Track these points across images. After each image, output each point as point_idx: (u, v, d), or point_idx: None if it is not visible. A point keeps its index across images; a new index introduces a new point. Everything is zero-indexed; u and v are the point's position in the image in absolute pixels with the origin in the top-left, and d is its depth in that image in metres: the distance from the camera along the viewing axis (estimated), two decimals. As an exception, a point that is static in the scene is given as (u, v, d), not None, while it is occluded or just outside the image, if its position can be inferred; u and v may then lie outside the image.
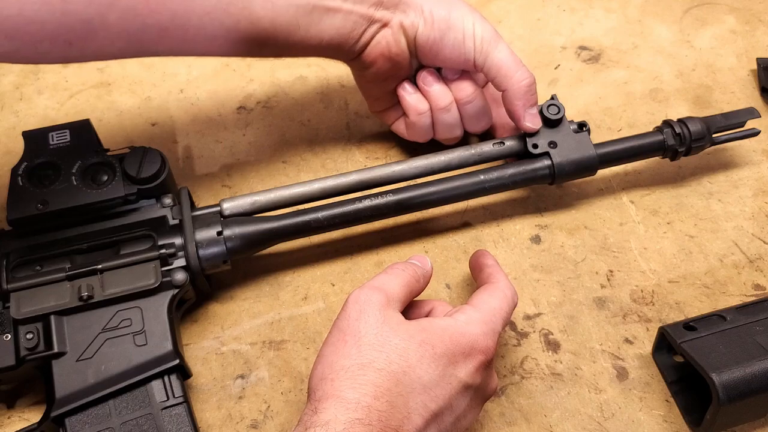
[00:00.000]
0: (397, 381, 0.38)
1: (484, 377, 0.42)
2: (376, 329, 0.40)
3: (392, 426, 0.37)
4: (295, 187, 0.52)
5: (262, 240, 0.50)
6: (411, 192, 0.52)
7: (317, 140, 0.63)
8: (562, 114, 0.55)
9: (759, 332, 0.47)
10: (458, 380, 0.40)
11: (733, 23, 0.72)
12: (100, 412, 0.44)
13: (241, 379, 0.50)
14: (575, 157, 0.54)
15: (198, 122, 0.65)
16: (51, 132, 0.51)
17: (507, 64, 0.53)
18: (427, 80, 0.56)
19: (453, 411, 0.40)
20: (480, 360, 0.41)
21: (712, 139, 0.57)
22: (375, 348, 0.39)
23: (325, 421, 0.36)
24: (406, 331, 0.40)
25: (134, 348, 0.45)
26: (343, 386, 0.37)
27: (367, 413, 0.36)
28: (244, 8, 0.47)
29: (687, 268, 0.56)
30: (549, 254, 0.56)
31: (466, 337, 0.41)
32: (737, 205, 0.59)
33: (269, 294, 0.54)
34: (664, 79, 0.68)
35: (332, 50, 0.53)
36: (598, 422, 0.48)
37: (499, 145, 0.55)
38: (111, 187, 0.48)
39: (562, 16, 0.73)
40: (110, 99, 0.66)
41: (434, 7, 0.52)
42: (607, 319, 0.53)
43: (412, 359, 0.39)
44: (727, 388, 0.43)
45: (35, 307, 0.45)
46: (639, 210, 0.59)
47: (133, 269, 0.47)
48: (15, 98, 0.67)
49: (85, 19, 0.42)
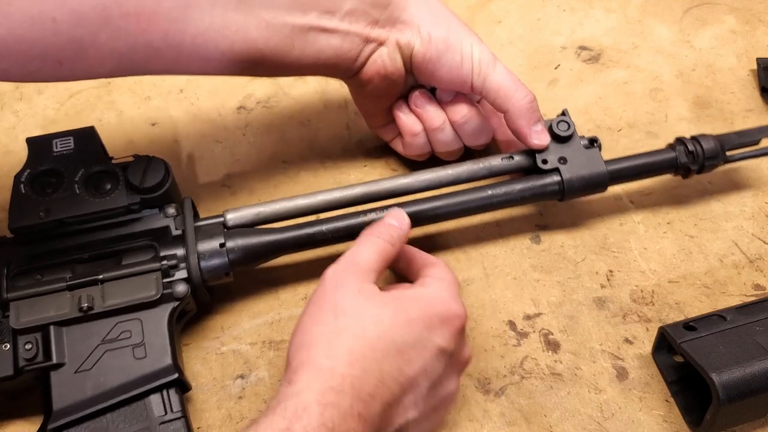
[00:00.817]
0: (372, 347, 0.39)
1: (458, 343, 0.43)
2: (351, 299, 0.41)
3: (366, 391, 0.38)
4: (300, 199, 0.52)
5: (266, 252, 0.50)
6: (417, 206, 0.51)
7: (317, 140, 0.63)
8: (572, 130, 0.54)
9: (759, 332, 0.47)
10: (433, 344, 0.41)
11: (733, 23, 0.72)
12: (98, 426, 0.43)
13: (241, 379, 0.50)
14: (585, 174, 0.53)
15: (198, 122, 0.65)
16: (55, 139, 0.50)
17: (505, 85, 0.52)
18: (418, 101, 0.55)
19: (428, 376, 0.41)
20: (456, 325, 0.43)
21: (725, 156, 0.55)
22: (350, 315, 0.40)
23: (298, 390, 0.37)
24: (381, 299, 0.42)
25: (133, 361, 0.45)
26: (318, 354, 0.39)
27: (341, 381, 0.37)
28: (238, 30, 0.47)
29: (687, 268, 0.56)
30: (549, 254, 0.56)
31: (439, 302, 0.43)
32: (737, 205, 0.59)
33: (269, 294, 0.54)
34: (664, 79, 0.68)
35: (329, 69, 0.52)
36: (597, 422, 0.48)
37: (507, 159, 0.54)
38: (114, 196, 0.48)
39: (562, 16, 0.73)
40: (110, 99, 0.66)
41: (432, 28, 0.51)
42: (607, 319, 0.53)
43: (387, 324, 0.40)
44: (727, 388, 0.43)
45: (35, 317, 0.45)
46: (639, 210, 0.59)
47: (134, 280, 0.46)
48: (15, 98, 0.67)
49: (75, 39, 0.42)
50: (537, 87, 0.67)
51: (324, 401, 0.36)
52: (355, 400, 0.37)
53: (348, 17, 0.50)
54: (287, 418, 0.36)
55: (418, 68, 0.52)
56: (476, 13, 0.74)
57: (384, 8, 0.51)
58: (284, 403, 0.37)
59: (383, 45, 0.51)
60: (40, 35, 0.41)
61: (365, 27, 0.51)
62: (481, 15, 0.73)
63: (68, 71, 0.44)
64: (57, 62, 0.43)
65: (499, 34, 0.72)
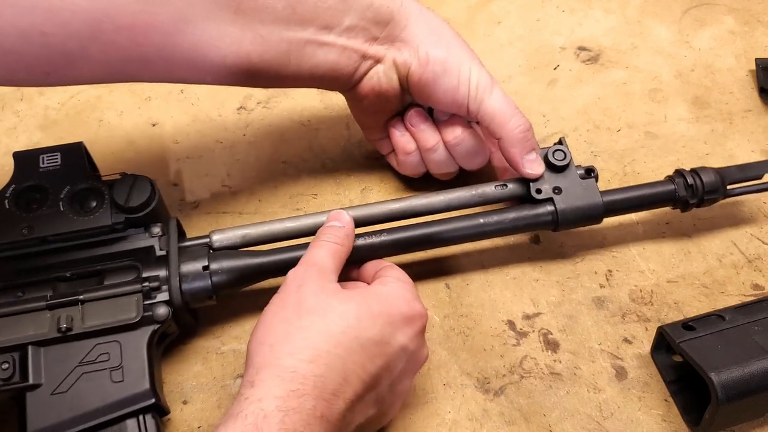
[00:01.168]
0: (336, 342, 0.39)
1: (419, 342, 0.44)
2: (314, 296, 0.42)
3: (329, 391, 0.38)
4: (288, 222, 0.51)
5: (251, 276, 0.49)
6: (407, 232, 0.50)
7: (317, 140, 0.64)
8: (568, 160, 0.52)
9: (757, 332, 0.47)
10: (397, 342, 0.42)
11: (731, 24, 0.73)
12: None
13: (241, 378, 0.50)
14: (580, 205, 0.51)
15: (198, 122, 0.65)
16: (42, 154, 0.49)
17: (501, 111, 0.51)
18: (413, 120, 0.55)
19: (390, 374, 0.42)
20: (418, 324, 0.43)
21: (726, 191, 0.54)
22: (314, 312, 0.41)
23: (259, 396, 0.37)
24: (344, 295, 0.42)
25: (110, 384, 0.44)
26: (281, 353, 0.39)
27: (302, 382, 0.37)
28: (232, 43, 0.46)
29: (686, 268, 0.56)
30: (548, 254, 0.57)
31: (402, 300, 0.43)
32: (736, 205, 0.59)
33: (269, 293, 0.54)
34: (663, 79, 0.68)
35: (325, 83, 0.52)
36: (597, 422, 0.48)
37: (501, 187, 0.53)
38: (98, 215, 0.47)
39: (562, 16, 0.73)
40: (111, 99, 0.66)
41: (431, 48, 0.50)
42: (606, 318, 0.53)
43: (351, 319, 0.41)
44: (725, 388, 0.43)
45: (14, 335, 0.44)
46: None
47: (115, 301, 0.45)
48: (16, 98, 0.67)
49: (65, 52, 0.41)
50: (536, 87, 0.67)
51: (285, 407, 0.36)
52: (318, 401, 0.37)
53: (347, 33, 0.49)
54: (248, 427, 0.36)
55: (415, 88, 0.52)
56: (476, 13, 0.74)
57: (384, 26, 0.50)
58: (245, 411, 0.36)
59: (380, 62, 0.51)
60: (28, 48, 0.40)
61: (363, 43, 0.50)
62: (481, 15, 0.73)
63: (56, 80, 0.43)
64: (45, 73, 0.42)
65: (499, 35, 0.72)
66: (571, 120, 0.65)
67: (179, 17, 0.44)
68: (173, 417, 0.49)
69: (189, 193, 0.60)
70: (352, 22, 0.49)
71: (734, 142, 0.63)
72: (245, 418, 0.36)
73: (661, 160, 0.62)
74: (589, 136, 0.64)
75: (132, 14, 0.42)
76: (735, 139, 0.63)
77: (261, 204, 0.59)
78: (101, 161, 0.52)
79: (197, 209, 0.59)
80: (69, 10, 0.40)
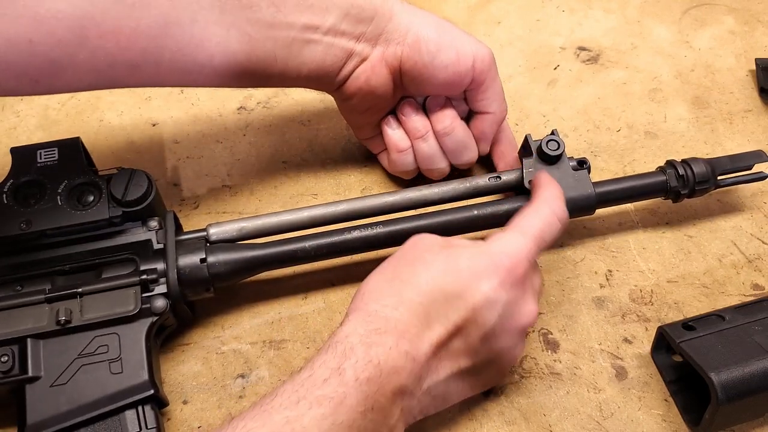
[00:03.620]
0: (420, 291, 0.42)
1: (512, 296, 0.43)
2: (414, 249, 0.45)
3: (411, 333, 0.40)
4: (284, 215, 0.51)
5: (247, 268, 0.49)
6: (402, 224, 0.51)
7: (317, 140, 0.64)
8: (561, 150, 0.52)
9: (757, 332, 0.47)
10: (481, 293, 0.42)
11: (731, 24, 0.73)
12: None
13: (242, 378, 0.50)
14: (572, 196, 0.52)
15: (198, 122, 0.65)
16: (39, 149, 0.49)
17: (500, 89, 0.54)
18: (405, 110, 0.55)
19: (478, 327, 0.42)
20: (502, 276, 0.42)
21: (716, 181, 0.55)
22: (407, 263, 0.44)
23: (346, 334, 0.40)
24: (439, 248, 0.44)
25: (109, 375, 0.44)
26: (370, 299, 0.42)
27: (384, 323, 0.40)
28: (218, 44, 0.46)
29: (686, 268, 0.56)
30: (548, 254, 0.57)
31: (487, 254, 0.43)
32: (736, 205, 0.59)
33: (269, 293, 0.55)
34: (663, 79, 0.68)
35: (313, 82, 0.52)
36: (597, 421, 0.48)
37: (495, 179, 0.54)
38: (96, 209, 0.47)
39: (562, 16, 0.73)
40: (111, 99, 0.66)
41: (420, 30, 0.50)
42: (606, 318, 0.53)
43: (436, 270, 0.42)
44: (725, 388, 0.43)
45: (13, 328, 0.44)
46: (637, 209, 0.59)
47: (113, 294, 0.46)
48: (16, 98, 0.67)
49: (52, 59, 0.41)
50: (536, 87, 0.67)
51: (368, 341, 0.39)
52: (401, 339, 0.40)
53: (332, 31, 0.49)
54: (337, 357, 0.39)
55: (410, 75, 0.52)
56: (476, 13, 0.74)
57: (369, 22, 0.50)
58: (335, 345, 0.40)
59: (367, 60, 0.51)
60: (16, 57, 0.40)
61: (348, 41, 0.50)
62: (480, 15, 0.73)
63: (45, 87, 0.44)
64: (33, 80, 0.42)
65: (499, 35, 0.72)
66: (571, 120, 0.65)
67: (164, 20, 0.44)
68: (173, 417, 0.49)
69: (189, 193, 0.60)
70: (336, 20, 0.49)
71: (734, 142, 0.63)
72: (335, 350, 0.39)
73: (661, 160, 0.61)
74: (589, 136, 0.64)
75: (116, 19, 0.42)
76: (735, 139, 0.63)
77: (261, 204, 0.59)
78: (101, 161, 0.52)
79: (197, 209, 0.59)
80: (54, 17, 0.40)
